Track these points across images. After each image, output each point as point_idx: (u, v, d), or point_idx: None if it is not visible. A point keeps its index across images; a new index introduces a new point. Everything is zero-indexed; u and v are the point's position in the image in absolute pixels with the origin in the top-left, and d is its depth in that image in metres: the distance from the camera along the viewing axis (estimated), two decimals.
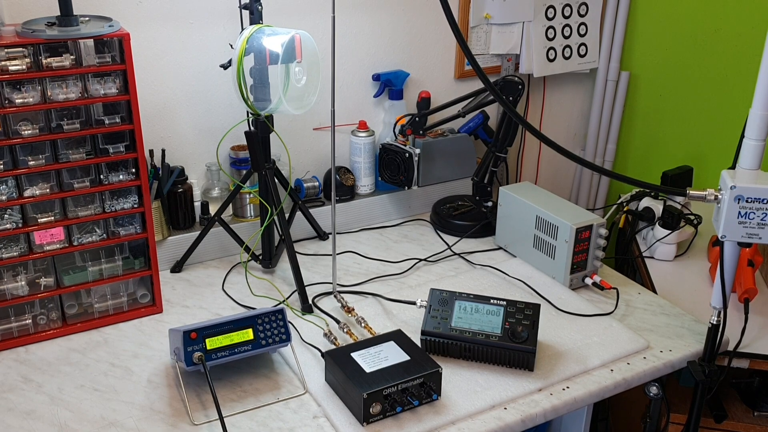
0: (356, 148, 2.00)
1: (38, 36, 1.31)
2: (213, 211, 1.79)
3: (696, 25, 2.25)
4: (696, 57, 2.27)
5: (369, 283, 1.72)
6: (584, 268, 1.70)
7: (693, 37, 2.27)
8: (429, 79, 2.13)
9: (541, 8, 2.17)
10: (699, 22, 2.24)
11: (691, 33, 2.26)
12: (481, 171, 1.99)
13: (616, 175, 1.40)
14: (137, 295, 1.59)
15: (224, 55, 1.69)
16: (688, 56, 2.29)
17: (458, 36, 1.22)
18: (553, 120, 2.43)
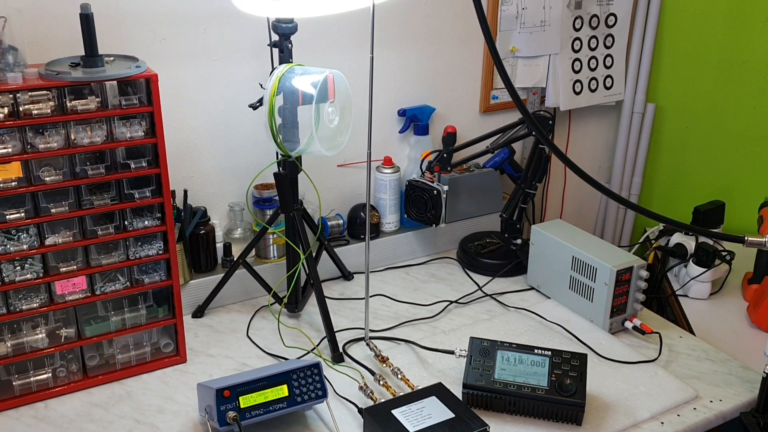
0: (381, 185, 1.95)
1: (63, 78, 1.25)
2: (235, 252, 1.73)
3: (723, 57, 2.21)
4: (723, 88, 2.23)
5: (400, 328, 1.65)
6: (624, 311, 1.64)
7: (720, 68, 2.23)
8: (454, 114, 2.08)
9: (567, 40, 2.12)
10: (726, 53, 2.20)
11: (718, 64, 2.22)
12: (510, 207, 1.94)
13: (662, 218, 1.33)
14: (160, 345, 1.52)
15: (249, 93, 1.64)
16: (715, 88, 2.24)
17: (500, 68, 1.17)
18: (579, 153, 2.38)
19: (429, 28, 1.95)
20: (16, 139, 1.25)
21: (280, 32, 1.46)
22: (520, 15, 2.03)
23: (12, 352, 1.36)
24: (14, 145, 1.25)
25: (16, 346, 1.36)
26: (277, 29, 1.46)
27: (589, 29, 2.16)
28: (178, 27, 1.61)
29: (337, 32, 1.79)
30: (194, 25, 1.62)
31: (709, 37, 2.20)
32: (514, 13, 2.02)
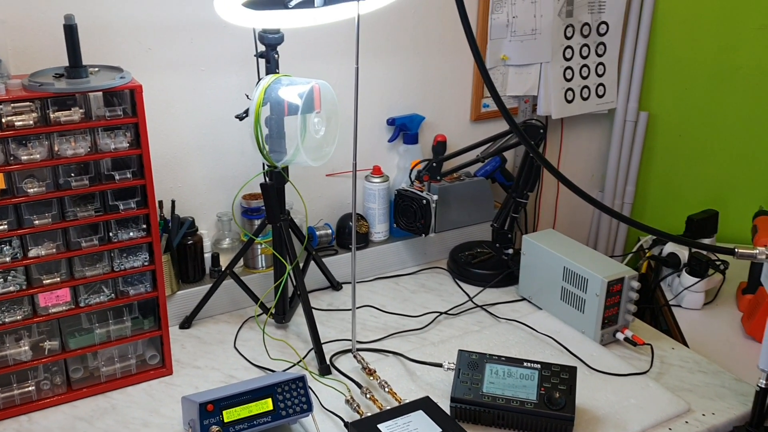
0: (370, 194, 1.93)
1: (46, 89, 1.24)
2: (223, 263, 1.72)
3: (716, 64, 2.21)
4: (717, 96, 2.22)
5: (388, 339, 1.64)
6: (615, 322, 1.62)
7: (713, 76, 2.22)
8: (444, 123, 2.07)
9: (558, 49, 2.12)
10: (720, 60, 2.19)
11: (711, 71, 2.21)
12: (501, 217, 1.92)
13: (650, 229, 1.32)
14: (146, 357, 1.50)
15: (236, 103, 1.63)
16: (708, 96, 2.24)
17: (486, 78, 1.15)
18: (571, 161, 2.36)
19: (418, 36, 1.94)
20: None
21: (266, 43, 1.45)
22: (510, 23, 2.02)
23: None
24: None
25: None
26: (264, 40, 1.45)
27: (581, 37, 2.15)
28: (165, 37, 1.60)
29: (325, 42, 1.78)
30: (181, 35, 1.61)
31: (701, 44, 2.19)
32: (505, 21, 2.01)
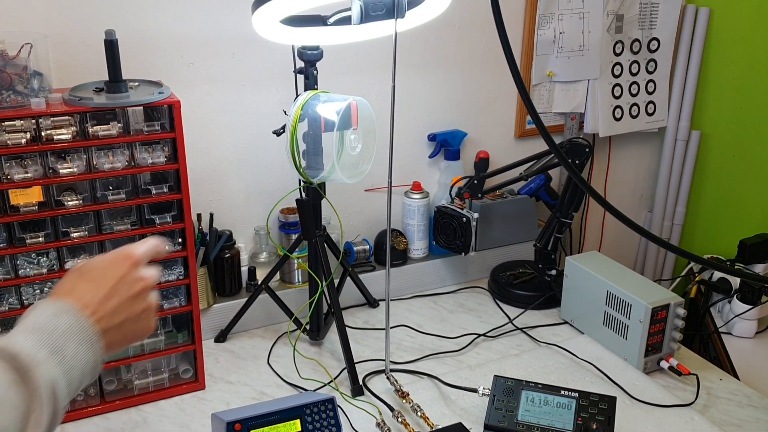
0: (410, 210, 1.91)
1: (85, 104, 1.25)
2: (260, 277, 1.71)
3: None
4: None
5: (424, 361, 1.60)
6: (660, 350, 1.56)
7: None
8: (487, 139, 2.03)
9: (607, 65, 2.06)
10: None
11: (767, 90, 2.12)
12: (545, 237, 1.87)
13: (691, 256, 1.26)
14: (179, 371, 1.50)
15: (277, 118, 1.62)
16: (764, 115, 2.14)
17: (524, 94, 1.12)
18: (619, 180, 2.30)
19: (461, 51, 1.91)
20: (37, 164, 1.25)
21: (305, 59, 1.44)
22: (557, 39, 1.98)
23: None
24: (36, 169, 1.25)
25: None
26: (303, 56, 1.44)
27: (631, 54, 2.09)
28: (207, 52, 1.61)
29: (365, 57, 1.77)
30: (223, 50, 1.62)
31: (758, 61, 2.11)
32: (551, 37, 1.97)
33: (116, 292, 0.82)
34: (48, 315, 0.77)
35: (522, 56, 1.98)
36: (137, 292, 0.84)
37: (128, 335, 0.84)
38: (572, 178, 1.75)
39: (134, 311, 0.84)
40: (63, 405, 0.75)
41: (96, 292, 0.81)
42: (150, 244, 0.88)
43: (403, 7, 1.23)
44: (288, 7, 1.21)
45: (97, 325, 0.79)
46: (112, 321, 0.81)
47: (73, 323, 0.77)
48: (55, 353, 0.74)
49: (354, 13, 1.21)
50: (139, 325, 0.85)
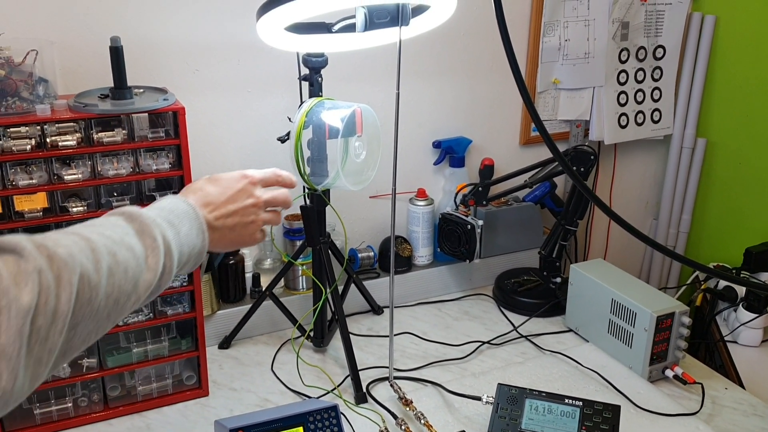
0: (414, 217, 1.91)
1: (90, 110, 1.26)
2: (264, 283, 1.71)
3: None
4: None
5: (428, 368, 1.60)
6: (665, 358, 1.55)
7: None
8: (492, 146, 2.03)
9: (612, 73, 2.06)
10: None
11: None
12: (549, 244, 1.87)
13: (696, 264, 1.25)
14: (183, 377, 1.50)
15: (281, 125, 1.63)
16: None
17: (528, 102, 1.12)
18: (624, 188, 2.29)
19: (466, 59, 1.91)
20: (42, 170, 1.26)
21: (310, 66, 1.44)
22: (562, 47, 1.98)
23: None
24: (40, 175, 1.26)
25: None
26: (308, 63, 1.44)
27: (636, 61, 2.09)
28: (212, 59, 1.61)
29: (370, 64, 1.77)
30: (228, 57, 1.63)
31: (763, 69, 2.10)
32: (557, 44, 1.97)
33: (234, 201, 1.00)
34: (169, 201, 0.92)
35: (527, 63, 1.98)
36: (250, 205, 1.02)
37: (234, 238, 1.01)
38: (576, 186, 1.74)
39: (244, 220, 1.01)
40: (173, 270, 0.85)
41: (219, 195, 0.99)
42: (269, 170, 1.09)
43: (407, 14, 1.23)
44: (292, 15, 1.21)
45: (213, 221, 0.96)
46: (225, 222, 0.98)
47: (189, 210, 0.92)
48: (172, 226, 0.87)
49: (358, 20, 1.21)
50: (246, 231, 1.02)
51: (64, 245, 0.69)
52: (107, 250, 0.74)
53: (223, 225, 0.98)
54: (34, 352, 0.64)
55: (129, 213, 0.83)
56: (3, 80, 1.22)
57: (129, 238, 0.79)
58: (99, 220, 0.81)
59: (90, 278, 0.70)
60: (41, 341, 0.64)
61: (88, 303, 0.70)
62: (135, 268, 0.77)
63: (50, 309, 0.65)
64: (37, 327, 0.63)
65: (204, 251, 0.93)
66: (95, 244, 0.73)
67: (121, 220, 0.82)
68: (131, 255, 0.77)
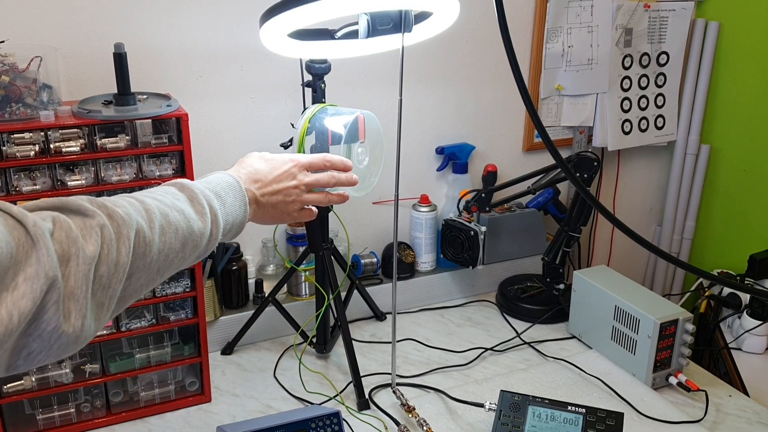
0: (417, 223, 1.91)
1: (94, 117, 1.26)
2: (267, 289, 1.71)
3: None
4: None
5: (430, 375, 1.59)
6: (668, 365, 1.55)
7: None
8: (495, 152, 2.03)
9: (616, 79, 2.06)
10: None
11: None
12: (553, 251, 1.86)
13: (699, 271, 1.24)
14: (185, 383, 1.50)
15: (285, 131, 1.63)
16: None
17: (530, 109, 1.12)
18: (628, 194, 2.29)
19: (470, 65, 1.91)
20: (46, 176, 1.26)
21: (313, 72, 1.45)
22: (566, 53, 1.98)
23: (37, 387, 1.36)
24: (44, 181, 1.26)
25: (40, 381, 1.36)
26: (311, 69, 1.45)
27: (640, 68, 2.09)
28: (215, 65, 1.61)
29: (373, 70, 1.78)
30: (231, 63, 1.63)
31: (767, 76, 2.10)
32: (560, 51, 1.97)
33: (279, 181, 1.11)
34: (218, 175, 1.02)
35: (530, 70, 1.98)
36: (292, 186, 1.12)
37: (276, 215, 1.12)
38: (579, 193, 1.74)
39: (286, 199, 1.12)
40: (218, 236, 0.94)
41: (267, 174, 1.10)
42: (318, 155, 1.20)
43: (410, 21, 1.23)
44: (295, 22, 1.21)
45: (259, 196, 1.07)
46: (270, 199, 1.09)
47: (234, 183, 1.01)
48: (218, 197, 0.96)
49: (361, 27, 1.21)
50: (286, 209, 1.13)
51: (121, 206, 0.78)
52: (160, 211, 0.83)
53: (267, 201, 1.09)
54: (97, 296, 0.72)
55: (180, 183, 0.93)
56: (7, 87, 1.22)
57: (180, 204, 0.88)
58: (154, 188, 0.91)
59: (145, 234, 0.79)
60: (103, 287, 0.73)
61: (143, 256, 0.78)
62: (185, 229, 0.86)
63: (112, 259, 0.73)
64: (99, 274, 0.72)
65: (245, 222, 1.03)
66: (149, 206, 0.82)
67: (174, 189, 0.92)
68: (182, 218, 0.86)
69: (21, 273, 0.63)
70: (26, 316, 0.63)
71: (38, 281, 0.64)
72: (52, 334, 0.66)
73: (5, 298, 0.62)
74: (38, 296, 0.64)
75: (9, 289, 0.62)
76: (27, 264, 0.64)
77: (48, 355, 0.68)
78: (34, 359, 0.68)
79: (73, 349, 0.71)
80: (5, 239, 0.63)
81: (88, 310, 0.70)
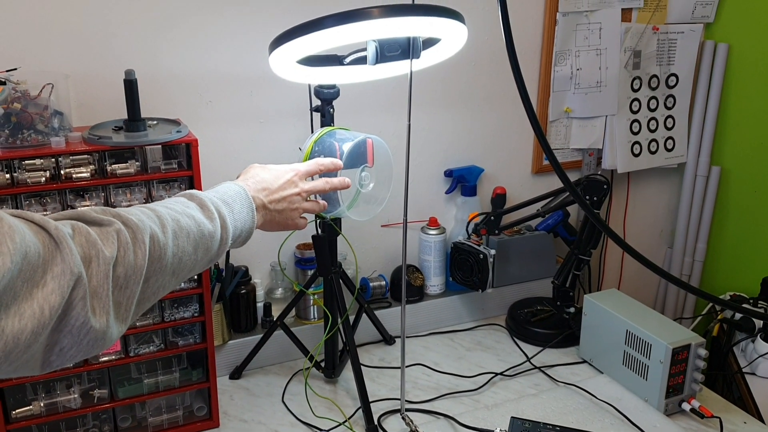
0: (426, 246, 1.90)
1: (104, 143, 1.27)
2: (276, 312, 1.71)
3: None
4: None
5: (440, 400, 1.58)
6: (681, 391, 1.53)
7: None
8: (504, 174, 2.03)
9: (625, 102, 2.06)
10: None
11: None
12: (563, 273, 1.85)
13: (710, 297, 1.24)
14: (194, 408, 1.50)
15: (293, 155, 1.63)
16: None
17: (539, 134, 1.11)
18: (639, 216, 2.28)
19: (478, 88, 1.91)
20: (56, 202, 1.27)
21: (321, 97, 1.45)
22: (574, 76, 1.98)
23: (45, 412, 1.36)
24: (54, 207, 1.27)
25: (49, 406, 1.36)
26: (319, 94, 1.45)
27: (649, 90, 2.09)
28: (225, 90, 1.62)
29: (382, 94, 1.78)
30: (241, 88, 1.64)
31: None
32: (568, 73, 1.97)
33: (283, 188, 1.17)
34: (224, 185, 1.07)
35: (539, 92, 1.98)
36: (294, 193, 1.18)
37: (281, 221, 1.18)
38: (596, 211, 1.73)
39: (290, 206, 1.18)
40: (228, 241, 0.98)
41: (273, 182, 1.16)
42: (312, 162, 1.26)
43: (418, 47, 1.23)
44: (304, 49, 1.22)
45: (267, 203, 1.13)
46: (276, 206, 1.15)
47: (240, 192, 1.06)
48: (226, 204, 1.01)
49: (369, 53, 1.22)
50: (290, 216, 1.19)
51: (134, 214, 0.82)
52: (171, 218, 0.87)
53: (274, 208, 1.14)
54: (115, 296, 0.75)
55: (190, 194, 0.98)
56: (19, 113, 1.23)
57: (191, 210, 0.92)
58: (165, 200, 0.95)
59: (159, 238, 0.82)
60: (120, 287, 0.76)
61: (159, 260, 0.82)
62: (196, 233, 0.90)
63: (129, 261, 0.77)
64: (117, 275, 0.75)
65: (253, 228, 1.08)
66: (160, 213, 0.86)
67: (184, 198, 0.97)
68: (192, 222, 0.90)
69: (49, 271, 0.67)
70: (56, 311, 0.67)
71: (65, 278, 0.68)
72: (81, 329, 0.70)
73: (36, 294, 0.66)
74: (66, 291, 0.68)
75: (39, 286, 0.66)
76: (53, 263, 0.68)
77: (79, 351, 0.72)
78: (66, 354, 0.71)
79: (101, 346, 0.74)
80: (33, 241, 0.67)
81: (111, 308, 0.73)
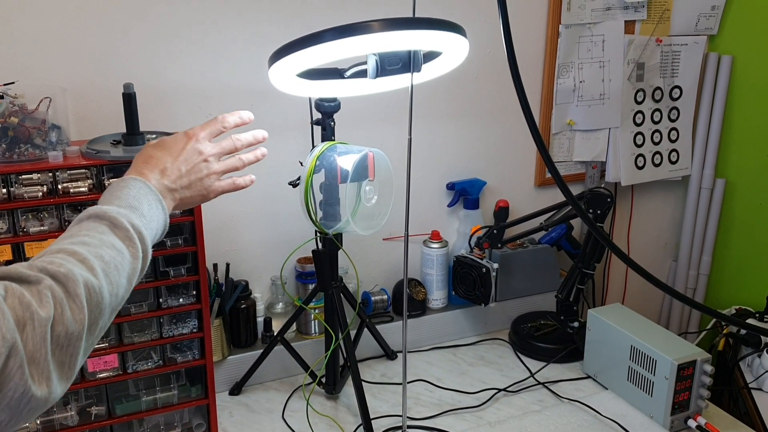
0: (428, 260, 1.88)
1: (102, 157, 1.25)
2: (276, 327, 1.69)
3: None
4: None
5: (442, 417, 1.56)
6: (687, 408, 1.50)
7: None
8: (507, 188, 2.01)
9: (628, 114, 2.04)
10: None
11: None
12: (566, 288, 1.83)
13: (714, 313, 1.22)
14: (192, 425, 1.48)
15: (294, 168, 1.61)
16: None
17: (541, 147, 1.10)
18: (643, 229, 2.26)
19: (480, 101, 1.90)
20: (53, 217, 1.25)
21: (322, 111, 1.44)
22: (577, 88, 1.97)
23: (41, 430, 1.34)
24: (52, 222, 1.25)
25: (45, 423, 1.34)
26: (320, 108, 1.44)
27: (652, 102, 2.07)
28: (225, 103, 1.61)
29: (384, 107, 1.77)
30: (241, 101, 1.63)
31: None
32: (571, 86, 1.96)
33: (184, 162, 1.05)
34: (122, 184, 0.97)
35: (541, 105, 1.97)
36: (199, 161, 1.07)
37: (194, 194, 1.07)
38: (599, 224, 1.72)
39: (198, 176, 1.06)
40: (149, 249, 0.91)
41: (167, 159, 1.03)
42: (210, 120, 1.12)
43: (419, 61, 1.22)
44: (304, 63, 1.20)
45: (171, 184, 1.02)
46: (181, 182, 1.04)
47: (142, 187, 0.97)
48: (134, 210, 0.92)
49: (370, 67, 1.21)
50: (203, 185, 1.08)
51: (58, 264, 0.76)
52: (94, 255, 0.81)
53: (179, 186, 1.04)
54: (56, 356, 0.71)
55: (95, 213, 0.89)
56: (16, 128, 1.22)
57: (106, 237, 0.85)
58: (74, 230, 0.87)
59: (92, 284, 0.78)
60: (62, 347, 0.72)
61: (97, 306, 0.78)
62: (121, 261, 0.85)
63: (67, 318, 0.73)
64: (56, 334, 0.71)
65: (168, 220, 1.00)
66: (82, 255, 0.80)
67: (91, 222, 0.88)
68: (115, 253, 0.84)
69: None
70: None
71: None
72: (20, 399, 0.66)
73: None
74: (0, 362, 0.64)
75: None
76: None
77: (18, 422, 0.68)
78: (3, 430, 0.67)
79: (42, 410, 0.70)
80: None
81: (52, 371, 0.70)
